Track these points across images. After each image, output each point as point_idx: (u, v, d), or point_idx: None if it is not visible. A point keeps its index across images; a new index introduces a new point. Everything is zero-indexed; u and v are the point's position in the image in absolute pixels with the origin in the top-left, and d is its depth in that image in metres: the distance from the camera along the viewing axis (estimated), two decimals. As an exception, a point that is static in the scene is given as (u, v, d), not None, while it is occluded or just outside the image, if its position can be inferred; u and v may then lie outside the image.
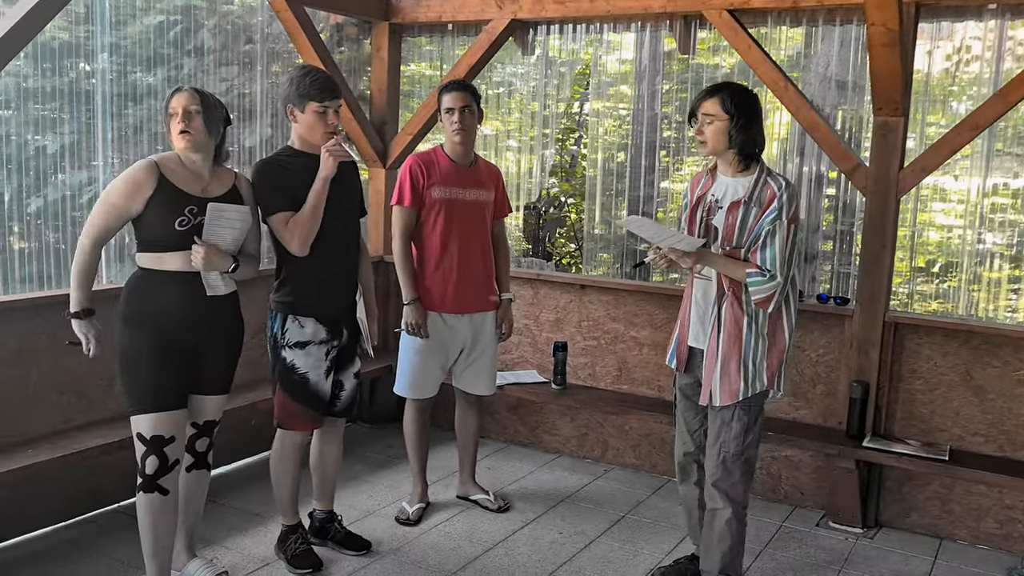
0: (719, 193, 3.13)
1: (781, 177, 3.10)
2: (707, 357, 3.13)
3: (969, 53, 4.52)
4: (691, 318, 3.23)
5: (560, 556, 3.70)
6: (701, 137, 3.10)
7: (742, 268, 3.05)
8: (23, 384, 3.56)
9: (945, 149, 3.87)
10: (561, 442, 4.97)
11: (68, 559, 3.49)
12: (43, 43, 3.82)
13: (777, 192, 3.02)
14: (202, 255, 2.88)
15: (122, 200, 2.84)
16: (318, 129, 3.20)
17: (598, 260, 5.67)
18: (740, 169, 3.10)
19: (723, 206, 3.09)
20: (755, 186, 3.05)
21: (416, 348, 3.86)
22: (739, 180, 3.09)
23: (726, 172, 3.14)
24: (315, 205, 3.18)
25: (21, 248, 3.85)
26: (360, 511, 4.05)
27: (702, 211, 3.16)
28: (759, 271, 3.01)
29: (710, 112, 3.06)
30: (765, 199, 3.03)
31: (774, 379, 3.13)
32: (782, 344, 3.12)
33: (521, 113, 5.73)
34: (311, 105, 3.17)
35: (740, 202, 3.05)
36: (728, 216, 3.07)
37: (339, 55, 5.23)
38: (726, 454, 3.13)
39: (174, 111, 2.87)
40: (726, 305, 3.10)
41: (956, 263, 4.53)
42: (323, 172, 3.18)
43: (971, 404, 3.96)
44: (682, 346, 3.28)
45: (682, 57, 5.11)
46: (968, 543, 4.00)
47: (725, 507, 3.15)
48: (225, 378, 3.13)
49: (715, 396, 3.12)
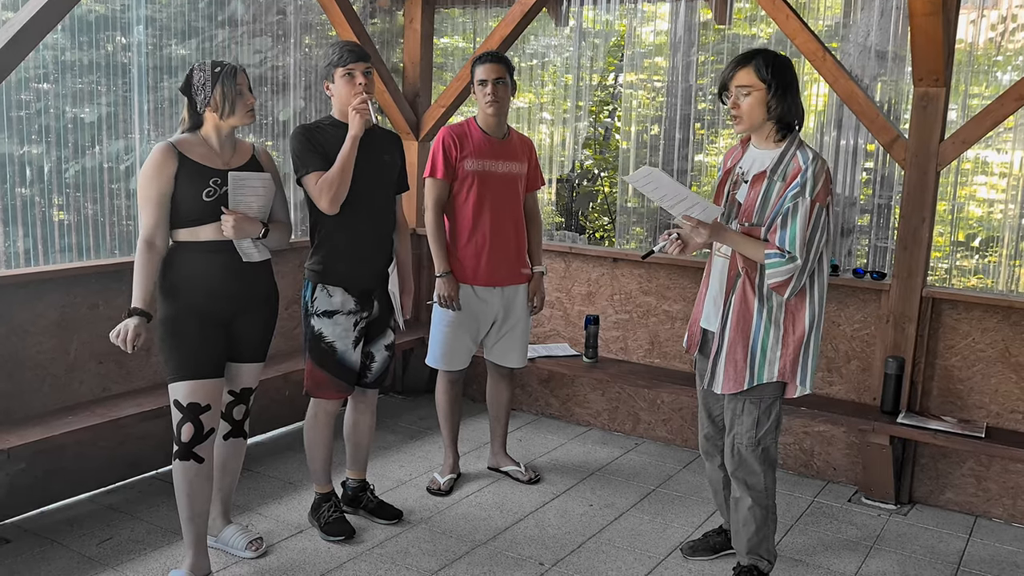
0: (747, 165, 2.96)
1: (811, 150, 2.87)
2: (714, 340, 3.02)
3: (1016, 22, 4.40)
4: (706, 300, 3.10)
5: (590, 528, 3.72)
6: (737, 112, 2.86)
7: (761, 248, 2.84)
8: (64, 353, 3.63)
9: (987, 121, 3.78)
10: (592, 415, 4.98)
11: (108, 524, 3.57)
12: (79, 16, 3.86)
13: (803, 166, 2.81)
14: (232, 223, 2.93)
15: (155, 188, 2.88)
16: (348, 93, 3.23)
17: (631, 234, 5.64)
18: (776, 140, 2.91)
19: (748, 180, 2.93)
20: (781, 158, 2.86)
21: (448, 320, 3.87)
22: (768, 152, 2.91)
23: (759, 144, 2.96)
24: (345, 162, 3.20)
25: (61, 220, 3.92)
26: (392, 481, 4.10)
27: (730, 185, 3.01)
28: (778, 252, 2.81)
29: (745, 83, 2.84)
30: (790, 172, 2.83)
31: (788, 371, 2.92)
32: (801, 333, 2.90)
33: (554, 85, 5.68)
34: (337, 72, 3.23)
35: (763, 174, 2.87)
36: (751, 190, 2.89)
37: (372, 27, 5.22)
38: (740, 445, 3.03)
39: (241, 89, 2.94)
40: (738, 287, 2.93)
41: (997, 237, 4.44)
42: (352, 130, 3.20)
43: (1009, 381, 3.90)
44: (694, 327, 3.18)
45: (718, 28, 5.03)
46: (1004, 521, 3.95)
47: (744, 496, 3.08)
48: (262, 346, 3.18)
49: (717, 382, 3.01)
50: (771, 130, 2.89)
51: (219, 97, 2.90)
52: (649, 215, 5.45)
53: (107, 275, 3.76)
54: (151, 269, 2.90)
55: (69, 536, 3.45)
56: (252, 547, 3.32)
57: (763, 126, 2.89)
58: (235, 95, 2.92)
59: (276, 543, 3.46)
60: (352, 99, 3.21)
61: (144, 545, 3.40)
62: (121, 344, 2.83)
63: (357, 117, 3.19)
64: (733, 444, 3.05)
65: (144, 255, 2.89)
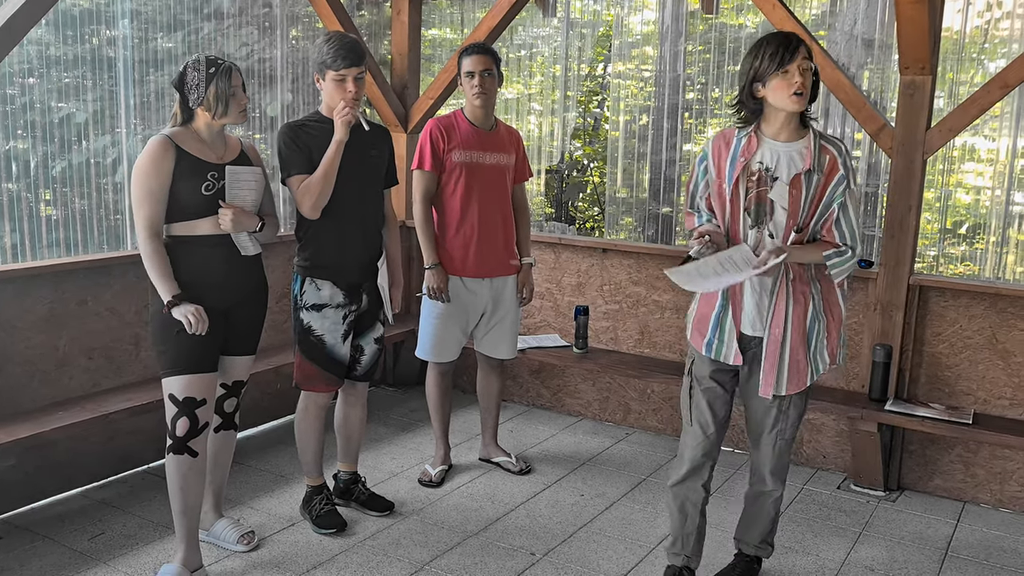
0: (769, 161, 2.74)
1: (835, 138, 2.82)
2: (769, 345, 2.82)
3: (1001, 10, 4.42)
4: (744, 304, 2.84)
5: (581, 518, 3.74)
6: (803, 89, 2.65)
7: (819, 249, 2.76)
8: (53, 349, 3.63)
9: (973, 109, 3.80)
10: (583, 405, 5.00)
11: (99, 519, 3.57)
12: (64, 10, 3.84)
13: (838, 156, 2.74)
14: (230, 217, 2.93)
15: (156, 181, 2.87)
16: (337, 97, 3.22)
17: (621, 224, 5.65)
18: (800, 131, 2.76)
19: (778, 176, 2.72)
20: (816, 152, 2.72)
21: (437, 312, 3.88)
22: (792, 146, 2.74)
23: (777, 136, 2.75)
24: (327, 169, 3.20)
25: (48, 215, 3.91)
26: (384, 473, 4.11)
27: (747, 182, 2.76)
28: (838, 249, 2.76)
29: (808, 57, 2.67)
30: (826, 165, 2.72)
31: (835, 354, 2.92)
32: (839, 316, 2.89)
33: (543, 76, 5.68)
34: (329, 73, 3.20)
35: (802, 173, 2.71)
36: (792, 190, 2.71)
37: (359, 19, 5.20)
38: (783, 441, 2.96)
39: (236, 89, 2.93)
40: (792, 288, 2.79)
41: (984, 225, 4.46)
42: (336, 136, 3.20)
43: (996, 367, 3.93)
44: (733, 335, 2.86)
45: (706, 17, 5.04)
46: (991, 506, 3.98)
47: (777, 488, 3.04)
48: (253, 338, 3.19)
49: (783, 386, 2.85)
50: (796, 119, 2.75)
51: (212, 97, 2.89)
52: (638, 205, 5.47)
53: (96, 270, 3.75)
54: (165, 257, 2.89)
55: (60, 531, 3.45)
56: (244, 541, 3.32)
57: (794, 114, 2.74)
58: (229, 95, 2.91)
59: (268, 536, 3.46)
60: (339, 104, 3.20)
61: (135, 540, 3.41)
62: (200, 328, 2.87)
63: (341, 124, 3.18)
64: (776, 441, 2.96)
65: (154, 247, 2.88)
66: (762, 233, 2.76)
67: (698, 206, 2.92)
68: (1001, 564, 3.46)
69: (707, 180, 2.88)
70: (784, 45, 2.65)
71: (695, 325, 2.96)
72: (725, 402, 2.97)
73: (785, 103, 2.68)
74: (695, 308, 2.97)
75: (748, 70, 2.72)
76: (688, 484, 3.01)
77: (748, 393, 2.96)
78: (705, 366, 2.93)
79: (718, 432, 2.97)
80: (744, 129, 2.81)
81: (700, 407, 2.95)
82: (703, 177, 2.89)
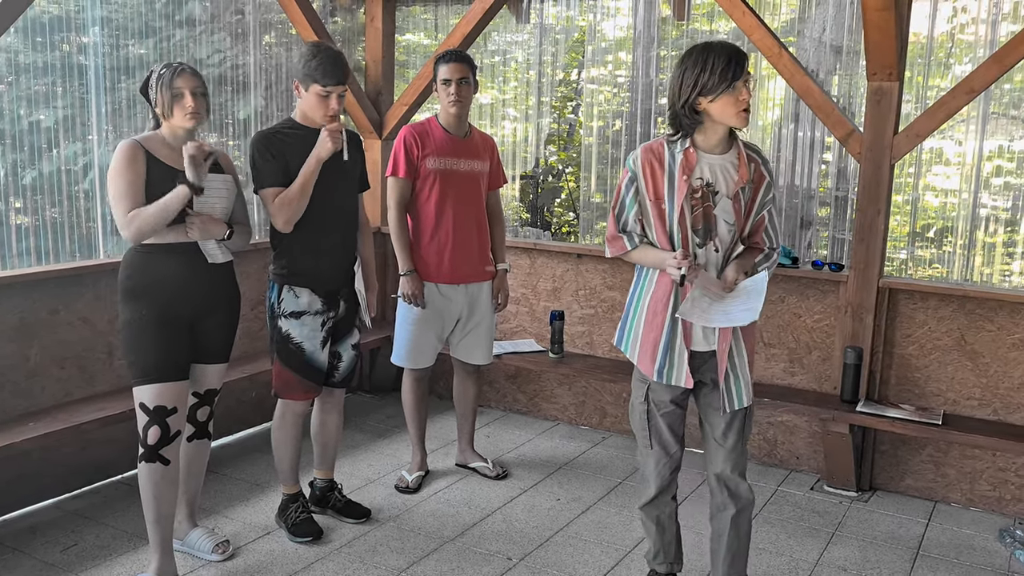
0: (708, 175, 2.68)
1: (751, 144, 2.81)
2: (722, 358, 2.74)
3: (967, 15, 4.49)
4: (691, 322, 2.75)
5: (558, 522, 3.75)
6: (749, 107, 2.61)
7: (753, 255, 2.78)
8: (24, 359, 3.59)
9: (940, 114, 3.86)
10: (559, 410, 5.02)
11: (72, 530, 3.54)
12: (33, 17, 3.81)
13: (762, 163, 2.76)
14: (198, 224, 2.93)
15: (132, 174, 2.85)
16: (319, 111, 3.23)
17: (596, 229, 5.68)
18: (727, 141, 2.72)
19: (719, 191, 2.67)
20: (747, 163, 2.71)
21: (413, 318, 3.88)
22: (725, 158, 2.70)
23: (713, 149, 2.70)
24: (304, 184, 3.20)
25: (19, 223, 3.87)
26: (360, 479, 4.10)
27: (691, 199, 2.67)
28: (765, 253, 2.80)
29: (749, 74, 2.62)
30: (754, 174, 2.72)
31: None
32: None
33: (517, 82, 5.70)
34: (314, 87, 3.19)
35: (739, 187, 2.70)
36: (734, 204, 2.69)
37: (332, 25, 5.20)
38: (744, 452, 2.86)
39: (180, 92, 2.90)
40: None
41: (952, 227, 4.53)
42: (319, 152, 3.20)
43: (965, 368, 3.99)
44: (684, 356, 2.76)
45: (678, 23, 5.08)
46: (962, 505, 4.04)
47: (749, 495, 2.87)
48: (225, 346, 3.18)
49: (746, 397, 2.79)
50: (726, 130, 2.70)
51: (158, 100, 2.91)
52: (613, 210, 5.49)
53: (67, 279, 3.72)
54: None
55: (32, 543, 3.42)
56: (219, 550, 3.31)
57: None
58: (171, 98, 2.90)
59: (243, 545, 3.45)
60: (324, 119, 3.21)
61: (109, 550, 3.38)
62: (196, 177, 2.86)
63: (329, 143, 3.18)
64: (742, 453, 2.84)
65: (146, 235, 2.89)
66: (708, 249, 2.71)
67: (629, 229, 2.79)
68: (971, 562, 3.51)
69: (639, 201, 2.74)
70: (734, 60, 2.57)
71: (642, 350, 2.85)
72: (681, 418, 2.90)
73: (732, 120, 2.63)
74: (638, 331, 2.86)
75: (693, 83, 2.60)
76: (659, 501, 2.96)
77: (705, 407, 2.87)
78: (663, 392, 2.84)
79: (681, 449, 2.92)
80: (676, 143, 2.70)
81: (660, 430, 2.87)
82: (634, 199, 2.75)
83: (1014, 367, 3.88)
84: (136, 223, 2.84)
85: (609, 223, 2.86)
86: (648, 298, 2.83)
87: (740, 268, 2.71)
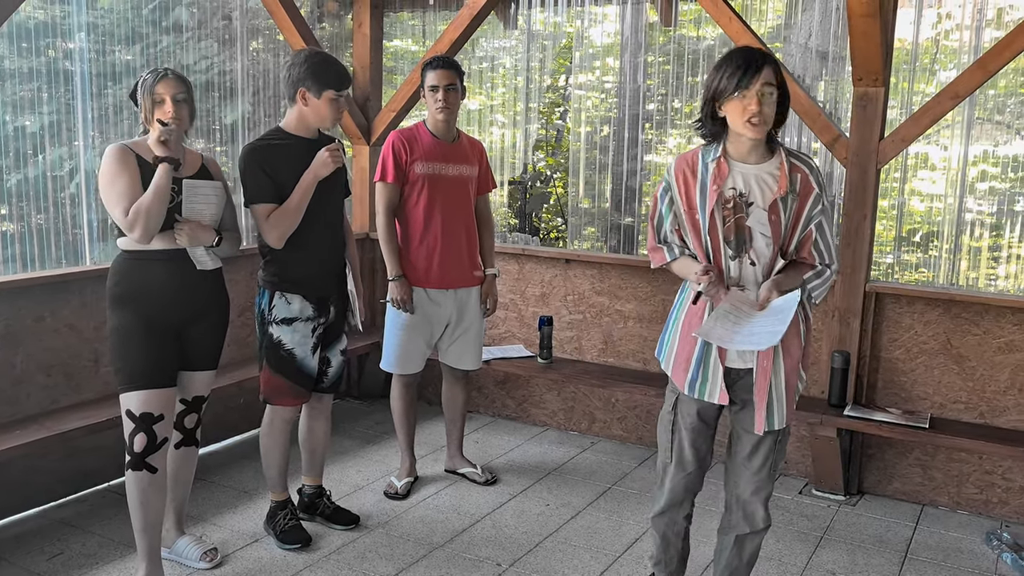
0: (742, 186, 2.56)
1: (803, 154, 2.65)
2: (759, 378, 2.61)
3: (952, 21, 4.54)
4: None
5: (547, 527, 3.75)
6: (763, 114, 2.45)
7: (800, 272, 2.61)
8: (10, 366, 3.57)
9: (925, 119, 3.88)
10: (548, 415, 5.02)
11: (58, 538, 3.52)
12: (19, 23, 3.79)
13: (810, 174, 2.58)
14: (186, 231, 2.92)
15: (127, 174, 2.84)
16: (329, 116, 3.24)
17: (584, 235, 5.69)
18: (767, 151, 2.58)
19: (753, 202, 2.55)
20: (789, 174, 2.55)
21: (401, 324, 3.88)
22: (763, 167, 2.57)
23: (746, 159, 2.57)
24: (300, 201, 3.21)
25: (4, 230, 3.85)
26: (349, 486, 4.09)
27: (723, 210, 2.57)
28: (816, 270, 2.63)
29: (771, 81, 2.46)
30: (799, 185, 2.56)
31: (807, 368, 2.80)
32: (809, 325, 2.74)
33: (505, 87, 5.71)
34: (328, 93, 3.20)
35: (779, 197, 2.55)
36: (771, 215, 2.55)
37: (320, 31, 5.20)
38: (774, 473, 2.76)
39: (161, 98, 2.89)
40: None
41: (937, 232, 4.56)
42: (318, 171, 3.22)
43: (952, 372, 4.01)
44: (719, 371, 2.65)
45: (665, 29, 5.10)
46: (949, 509, 4.06)
47: (763, 523, 2.79)
48: (213, 353, 3.16)
49: (778, 419, 2.65)
50: (763, 141, 2.56)
51: (142, 105, 2.91)
52: (600, 215, 5.51)
53: (53, 286, 3.70)
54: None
55: (17, 552, 3.39)
56: (206, 558, 3.29)
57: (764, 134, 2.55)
58: (152, 104, 2.90)
59: (231, 553, 3.43)
60: (332, 124, 3.25)
61: (96, 559, 3.36)
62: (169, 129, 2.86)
63: (330, 163, 3.21)
64: (767, 479, 2.75)
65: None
66: (743, 262, 2.60)
67: (668, 240, 2.70)
68: (959, 565, 3.53)
69: (674, 211, 2.66)
70: (746, 65, 2.45)
71: (676, 361, 2.74)
72: (708, 438, 2.80)
73: (740, 128, 2.50)
74: (674, 343, 2.75)
75: (709, 87, 2.54)
76: (669, 516, 2.89)
77: (738, 427, 2.76)
78: (691, 405, 2.73)
79: (700, 469, 2.82)
80: (710, 152, 2.61)
81: (682, 445, 2.78)
82: (669, 209, 2.67)
83: (1000, 371, 3.91)
84: (141, 218, 2.82)
85: (649, 234, 2.78)
86: (686, 310, 2.72)
87: (776, 286, 2.55)
